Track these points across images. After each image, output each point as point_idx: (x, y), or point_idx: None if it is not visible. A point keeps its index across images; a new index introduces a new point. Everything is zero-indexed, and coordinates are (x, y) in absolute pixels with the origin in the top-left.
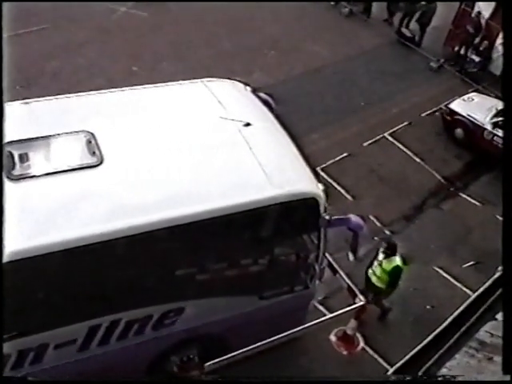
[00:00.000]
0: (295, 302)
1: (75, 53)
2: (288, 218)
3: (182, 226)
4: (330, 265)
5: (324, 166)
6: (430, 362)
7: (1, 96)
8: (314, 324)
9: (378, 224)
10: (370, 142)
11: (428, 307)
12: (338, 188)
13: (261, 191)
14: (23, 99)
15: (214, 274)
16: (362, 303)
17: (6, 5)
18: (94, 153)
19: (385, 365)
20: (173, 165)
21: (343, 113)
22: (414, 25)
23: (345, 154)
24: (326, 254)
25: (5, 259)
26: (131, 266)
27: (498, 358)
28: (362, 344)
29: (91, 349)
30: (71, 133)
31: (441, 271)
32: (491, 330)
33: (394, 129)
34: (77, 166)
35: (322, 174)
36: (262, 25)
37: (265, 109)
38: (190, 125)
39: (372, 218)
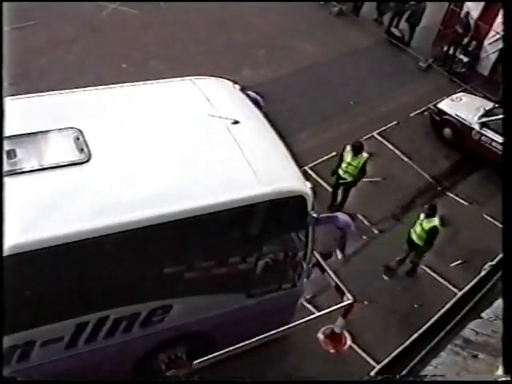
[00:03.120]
0: (283, 300)
1: (64, 50)
2: (275, 215)
3: (169, 223)
4: (318, 263)
5: (313, 165)
6: (415, 360)
7: (1, 96)
8: (302, 322)
9: (366, 223)
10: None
11: (415, 306)
12: (327, 187)
13: (248, 189)
14: (11, 96)
15: (202, 271)
16: (349, 301)
17: None
18: (82, 149)
19: (372, 362)
20: (160, 162)
21: (332, 112)
22: (403, 24)
23: (333, 153)
24: (315, 253)
25: None
26: (119, 263)
27: (483, 356)
28: (349, 342)
29: (79, 346)
30: (59, 129)
31: (428, 270)
32: (476, 328)
33: (383, 128)
34: (64, 163)
35: (311, 172)
36: (252, 23)
37: (253, 107)
38: (178, 122)
39: (360, 216)
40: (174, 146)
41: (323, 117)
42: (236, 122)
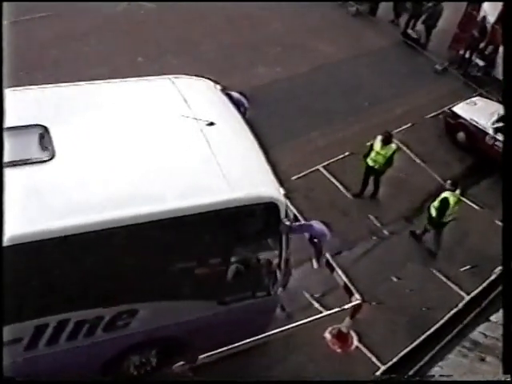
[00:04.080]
0: (257, 308)
1: (80, 41)
2: (245, 222)
3: (129, 226)
4: (327, 262)
5: (326, 163)
6: (422, 362)
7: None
8: (309, 321)
9: (377, 224)
10: (371, 142)
11: (423, 309)
12: (339, 186)
13: (216, 193)
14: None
15: (168, 277)
16: (357, 301)
17: None
18: (45, 148)
19: (378, 363)
20: (127, 163)
21: (346, 112)
22: (419, 26)
23: (347, 153)
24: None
25: None
26: (78, 265)
27: (491, 359)
28: (356, 342)
29: (39, 348)
30: (24, 126)
31: (438, 273)
32: (485, 331)
33: (397, 130)
34: (26, 161)
35: (324, 171)
36: (269, 22)
37: (233, 109)
38: (151, 122)
39: (371, 217)
40: (143, 147)
41: (337, 117)
42: (211, 124)
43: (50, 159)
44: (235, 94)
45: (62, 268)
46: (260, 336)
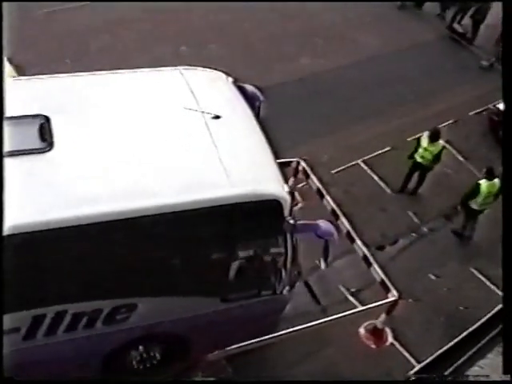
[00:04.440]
0: (263, 307)
1: (125, 29)
2: (246, 218)
3: (127, 220)
4: (364, 257)
5: (366, 158)
6: (459, 361)
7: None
8: (344, 316)
9: (416, 220)
10: (414, 137)
11: (461, 308)
12: (379, 181)
13: (216, 189)
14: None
15: (168, 272)
16: (394, 298)
17: None
18: (44, 138)
19: (412, 361)
20: (127, 155)
21: (389, 105)
22: (467, 21)
23: (387, 148)
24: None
25: None
26: (74, 258)
27: None
28: (390, 339)
29: (38, 338)
30: (26, 116)
31: (477, 273)
32: None
33: (440, 126)
34: (23, 151)
35: (364, 166)
36: (314, 12)
37: (243, 102)
38: (155, 114)
39: (410, 213)
40: (144, 139)
41: (379, 110)
42: (216, 117)
43: (49, 150)
44: (250, 88)
45: (58, 260)
46: (293, 329)
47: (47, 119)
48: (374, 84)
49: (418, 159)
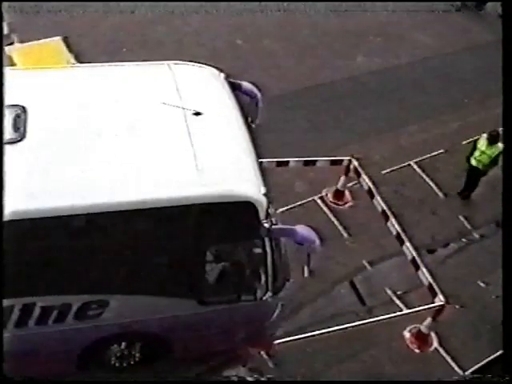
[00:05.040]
0: (246, 312)
1: (181, 21)
2: (219, 220)
3: (93, 215)
4: (413, 260)
5: (418, 159)
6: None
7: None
8: (390, 318)
9: (467, 225)
10: (469, 140)
11: None
12: (431, 184)
13: (188, 187)
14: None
15: (138, 270)
16: (441, 303)
17: None
18: (17, 128)
19: (456, 368)
20: (99, 149)
21: (444, 107)
22: None
23: (441, 150)
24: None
25: None
26: (42, 251)
27: None
28: (435, 344)
29: (8, 329)
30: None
31: None
32: None
33: (496, 130)
34: None
35: (416, 168)
36: (371, 10)
37: (231, 100)
38: (135, 108)
39: (462, 218)
40: (120, 133)
41: (435, 111)
42: (197, 114)
43: (19, 140)
44: (246, 85)
45: (22, 252)
46: (337, 328)
47: (24, 109)
48: (430, 85)
49: (474, 163)
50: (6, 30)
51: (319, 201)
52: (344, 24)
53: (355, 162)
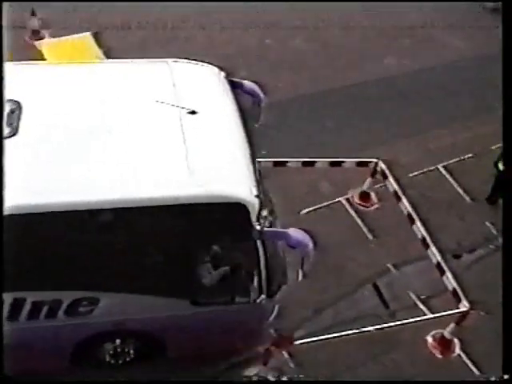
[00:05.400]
0: (240, 315)
1: (211, 19)
2: (209, 221)
3: (81, 212)
4: (438, 265)
5: (446, 163)
6: None
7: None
8: (413, 322)
9: (494, 231)
10: (498, 145)
11: None
12: (458, 188)
13: (177, 187)
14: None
15: (128, 269)
16: (465, 309)
17: None
18: (10, 123)
19: (478, 374)
20: (90, 147)
21: (474, 111)
22: None
23: (470, 155)
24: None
25: None
26: (32, 247)
27: None
28: (458, 350)
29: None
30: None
31: None
32: None
33: None
34: None
35: (444, 171)
36: (400, 12)
37: (230, 99)
38: (129, 106)
39: (488, 224)
40: (111, 131)
41: (464, 115)
42: (192, 112)
43: (11, 136)
44: (248, 84)
45: (11, 247)
46: (360, 330)
47: (19, 105)
48: (460, 88)
49: (502, 168)
50: (37, 26)
51: (345, 202)
52: (374, 24)
53: (382, 164)
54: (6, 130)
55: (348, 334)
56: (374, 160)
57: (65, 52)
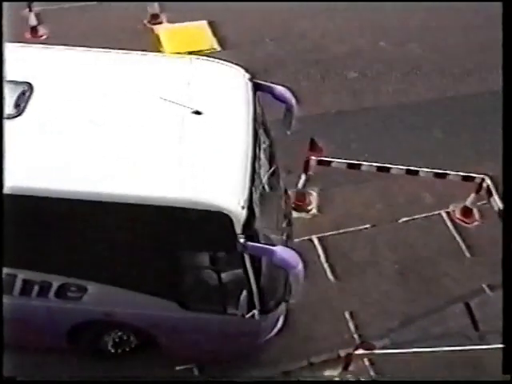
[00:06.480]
0: (232, 326)
1: (325, 16)
2: (191, 227)
3: (70, 201)
4: None
5: None
6: None
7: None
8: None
9: None
10: None
11: None
12: None
13: (163, 188)
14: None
15: (113, 262)
16: None
17: None
18: (18, 105)
19: None
20: (89, 137)
21: None
22: None
23: None
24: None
25: None
26: (21, 227)
27: None
28: None
29: None
30: (13, 81)
31: None
32: None
33: None
34: None
35: None
36: None
37: (246, 103)
38: (137, 100)
39: None
40: (113, 124)
41: None
42: (197, 113)
43: (14, 117)
44: (279, 89)
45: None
46: (447, 349)
47: (31, 87)
48: None
49: None
50: (157, 10)
51: (445, 215)
52: (494, 32)
53: (488, 181)
54: (12, 111)
55: (433, 351)
56: (481, 176)
57: (180, 39)
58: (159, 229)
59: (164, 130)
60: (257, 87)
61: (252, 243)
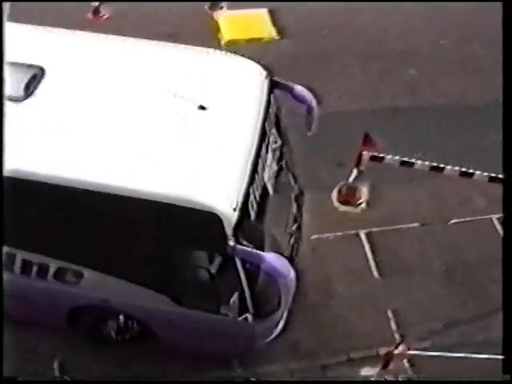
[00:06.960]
0: (227, 326)
1: (387, 14)
2: (181, 224)
3: (68, 188)
4: None
5: None
6: None
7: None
8: None
9: None
10: None
11: None
12: None
13: (158, 183)
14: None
15: (107, 251)
16: None
17: None
18: (27, 88)
19: None
20: (92, 125)
21: None
22: None
23: None
24: None
25: None
26: (21, 210)
27: None
28: None
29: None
30: (25, 64)
31: None
32: None
33: None
34: None
35: None
36: None
37: (259, 102)
38: (144, 91)
39: None
40: (118, 114)
41: None
42: (202, 108)
43: (22, 100)
44: (299, 89)
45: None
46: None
47: (42, 71)
48: None
49: None
50: None
51: (496, 221)
52: None
53: None
54: (20, 94)
55: (472, 358)
56: None
57: (239, 26)
58: (153, 223)
59: (167, 124)
60: (274, 86)
61: (241, 247)
